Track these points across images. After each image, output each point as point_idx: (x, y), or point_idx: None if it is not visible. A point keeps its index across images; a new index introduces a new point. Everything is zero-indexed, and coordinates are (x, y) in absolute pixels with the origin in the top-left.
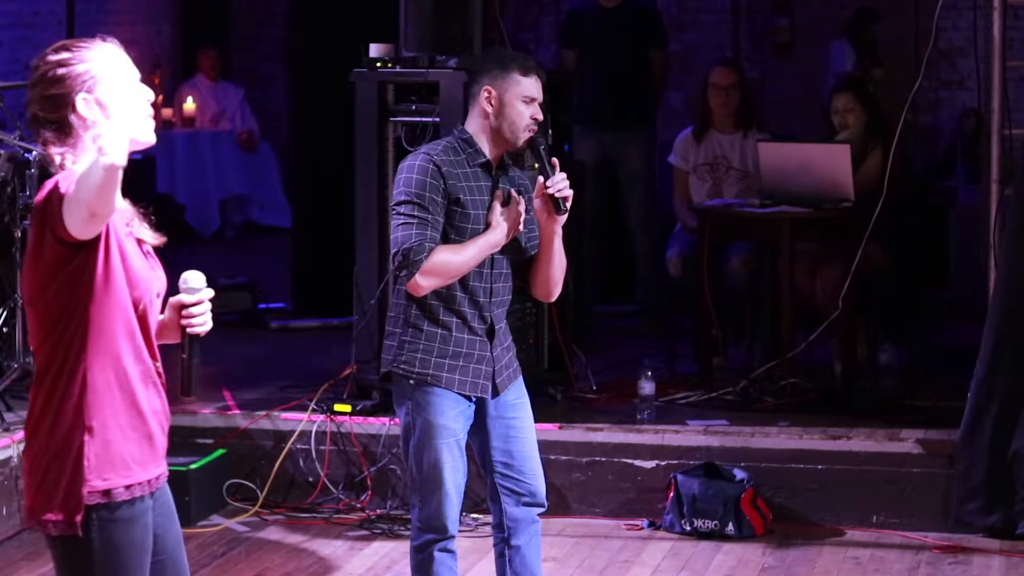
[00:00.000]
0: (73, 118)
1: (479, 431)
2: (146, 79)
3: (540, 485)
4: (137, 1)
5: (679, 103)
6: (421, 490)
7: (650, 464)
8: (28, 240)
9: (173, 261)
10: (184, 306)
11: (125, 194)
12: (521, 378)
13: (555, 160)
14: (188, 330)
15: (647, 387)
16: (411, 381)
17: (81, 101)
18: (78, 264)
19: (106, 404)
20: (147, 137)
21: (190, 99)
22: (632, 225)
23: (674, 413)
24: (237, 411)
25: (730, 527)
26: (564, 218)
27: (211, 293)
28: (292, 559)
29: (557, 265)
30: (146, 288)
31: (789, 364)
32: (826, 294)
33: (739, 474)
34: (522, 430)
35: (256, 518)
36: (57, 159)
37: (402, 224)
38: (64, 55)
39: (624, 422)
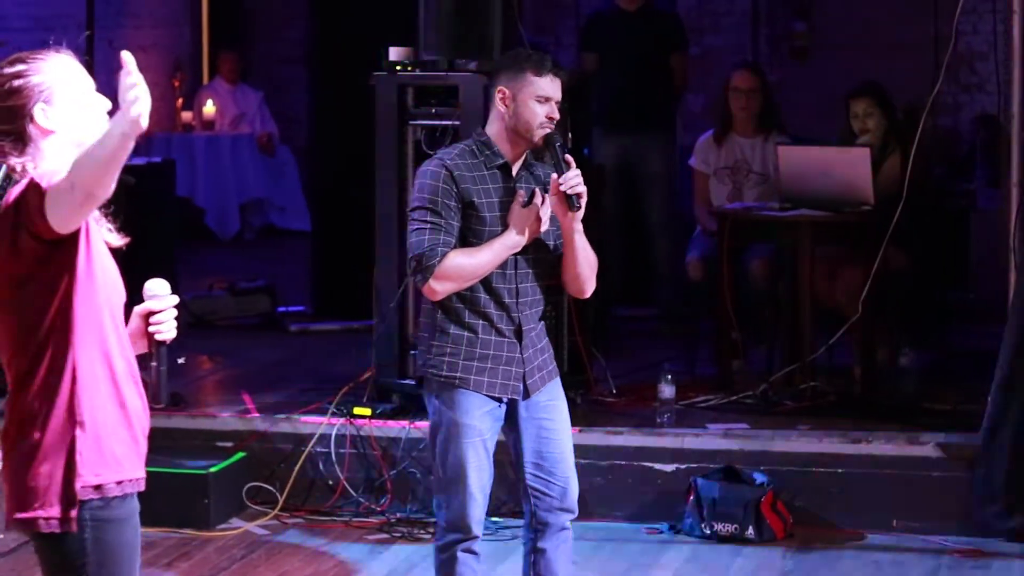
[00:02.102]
0: (31, 128)
1: (512, 431)
2: (166, 82)
3: (571, 488)
4: (157, 4)
5: (698, 106)
6: (446, 490)
7: (670, 467)
8: None
9: (193, 264)
10: (151, 313)
11: (145, 195)
12: (558, 380)
13: (569, 157)
14: (156, 336)
15: (667, 390)
16: (439, 382)
17: (39, 112)
18: (58, 261)
19: (96, 399)
20: None
21: (210, 102)
22: (652, 228)
23: (694, 416)
24: (257, 414)
25: (750, 531)
26: (580, 214)
27: (176, 300)
28: (312, 562)
29: (582, 262)
30: (116, 287)
31: (809, 367)
32: (846, 297)
33: (759, 477)
34: (554, 432)
35: (276, 521)
36: (18, 167)
37: (416, 230)
38: (20, 67)
39: (644, 425)
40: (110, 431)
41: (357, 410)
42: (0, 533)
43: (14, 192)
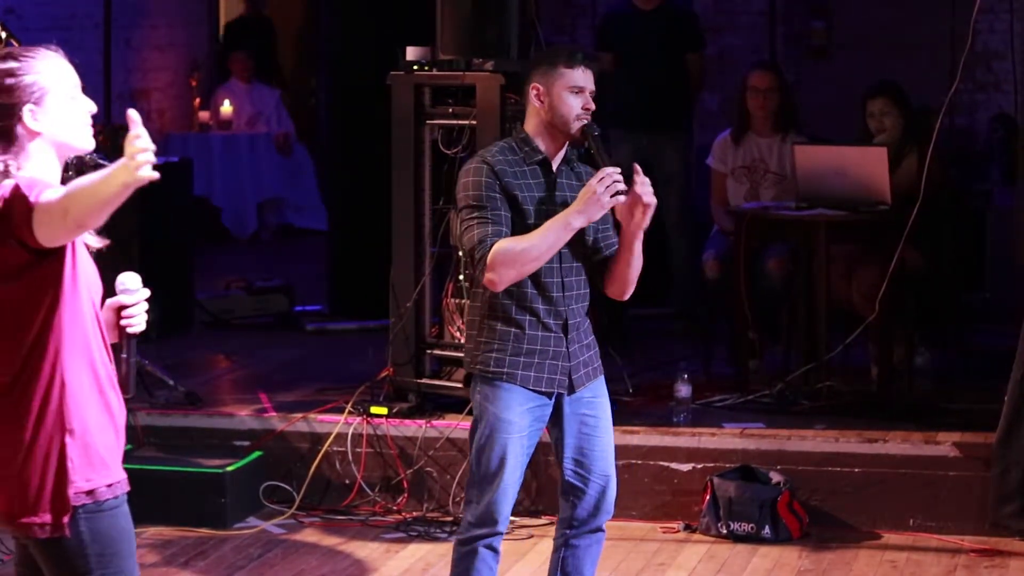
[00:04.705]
0: (19, 129)
1: (555, 427)
2: (183, 81)
3: (610, 486)
4: (174, 3)
5: (715, 106)
6: (479, 484)
7: (686, 467)
8: None
9: (210, 263)
10: (123, 307)
11: (162, 195)
12: (602, 378)
13: (638, 168)
14: (128, 329)
15: (683, 390)
16: (485, 377)
17: (28, 113)
18: (45, 271)
19: (83, 407)
20: (86, 144)
21: (227, 102)
22: (668, 228)
23: (710, 416)
24: (273, 413)
25: (766, 530)
26: (645, 222)
27: (147, 293)
28: (328, 561)
29: (635, 267)
30: (96, 290)
31: (825, 367)
32: (862, 297)
33: (775, 477)
34: (596, 428)
35: (292, 520)
36: (0, 166)
37: (466, 228)
38: (12, 64)
39: (660, 425)
40: (98, 436)
41: (374, 409)
42: None
43: None
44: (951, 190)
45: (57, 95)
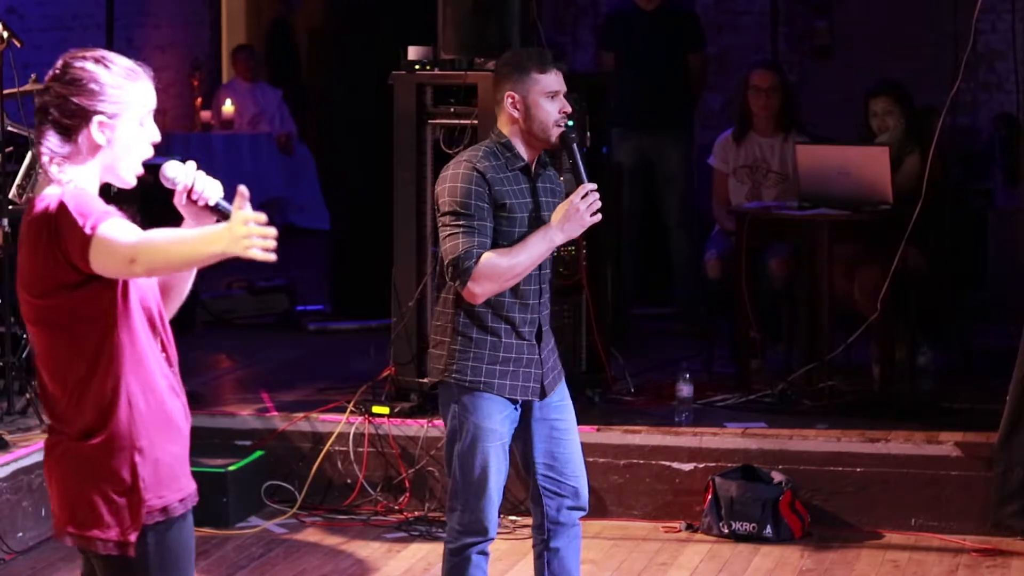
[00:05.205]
0: (82, 135)
1: (523, 433)
2: (185, 81)
3: (582, 486)
4: (175, 3)
5: (716, 105)
6: (465, 493)
7: (688, 466)
8: (24, 251)
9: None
10: (189, 192)
11: (163, 195)
12: (564, 380)
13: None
14: (209, 203)
15: (685, 389)
16: (462, 387)
17: (97, 123)
18: (95, 289)
19: (150, 422)
20: (129, 180)
21: (228, 102)
22: (670, 227)
23: (712, 415)
24: (275, 413)
25: (768, 530)
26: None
27: (193, 165)
28: (330, 561)
29: None
30: (153, 293)
31: (827, 366)
32: (864, 296)
33: (777, 476)
34: (566, 431)
35: (294, 520)
36: (45, 158)
37: (449, 235)
38: (102, 70)
39: (662, 424)
40: (165, 451)
41: (375, 409)
42: (53, 540)
43: (42, 203)
44: (953, 190)
45: (131, 116)
